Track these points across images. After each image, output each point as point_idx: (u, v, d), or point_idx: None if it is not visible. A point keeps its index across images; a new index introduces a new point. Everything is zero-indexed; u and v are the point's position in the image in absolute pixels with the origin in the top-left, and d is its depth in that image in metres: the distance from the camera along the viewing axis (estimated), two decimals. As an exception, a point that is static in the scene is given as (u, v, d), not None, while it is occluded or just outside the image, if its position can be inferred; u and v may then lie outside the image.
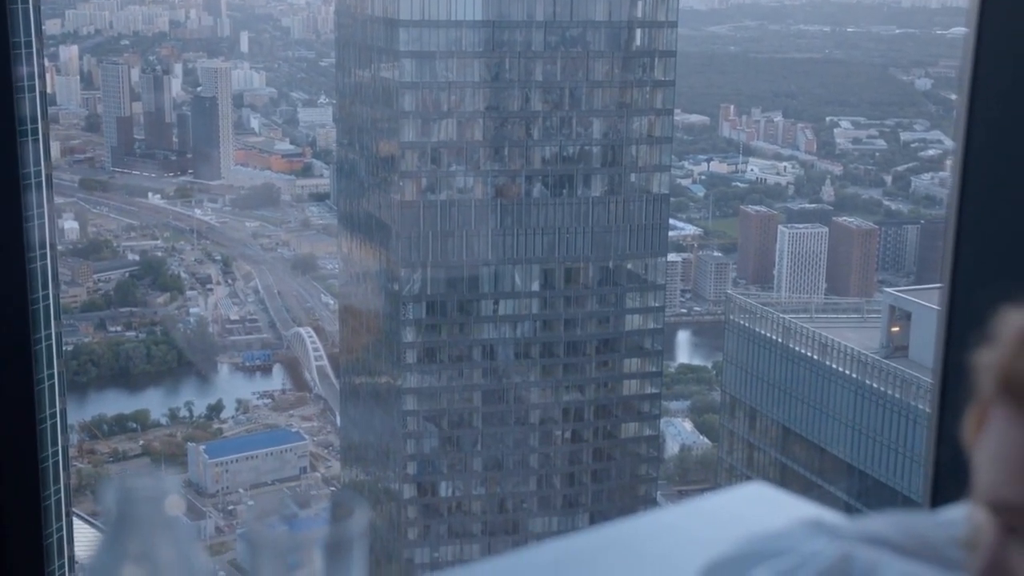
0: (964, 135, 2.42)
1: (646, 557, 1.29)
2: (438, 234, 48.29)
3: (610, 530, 1.37)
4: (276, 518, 0.96)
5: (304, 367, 61.53)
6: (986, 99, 2.34)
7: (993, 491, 0.99)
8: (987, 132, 2.33)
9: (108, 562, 0.86)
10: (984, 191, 2.25)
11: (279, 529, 0.96)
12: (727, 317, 48.48)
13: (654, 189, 49.80)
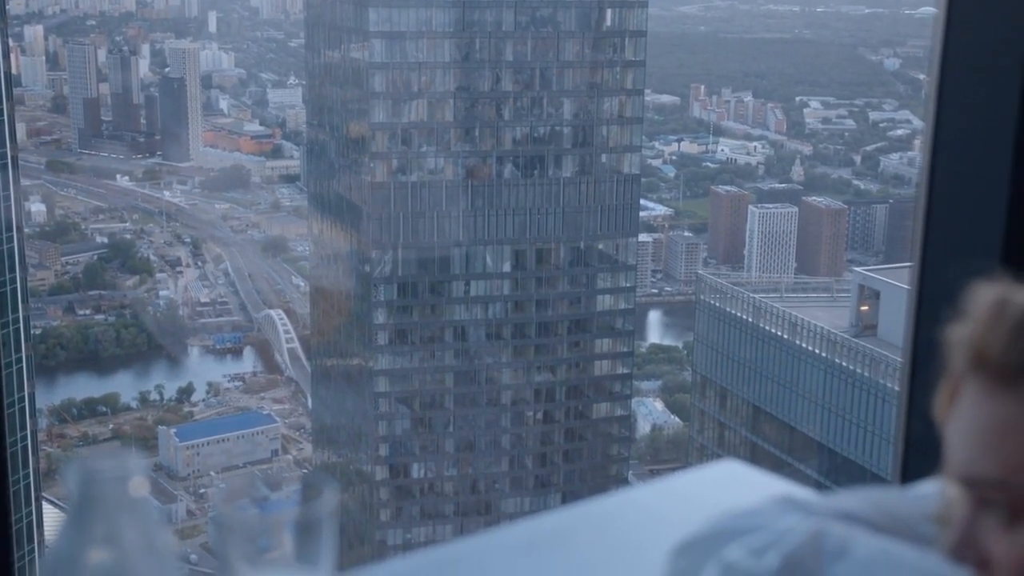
0: (934, 114, 2.43)
1: (618, 536, 1.28)
2: (409, 215, 48.19)
3: (581, 509, 1.37)
4: (247, 500, 0.95)
5: (275, 349, 61.33)
6: (955, 79, 2.35)
7: (965, 466, 0.99)
8: (957, 111, 2.34)
9: (71, 545, 0.84)
10: (954, 170, 2.25)
11: (249, 511, 0.94)
12: (698, 297, 48.69)
13: (625, 169, 49.85)
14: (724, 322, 45.36)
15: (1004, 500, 0.96)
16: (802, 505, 1.15)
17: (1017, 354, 0.96)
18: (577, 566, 1.24)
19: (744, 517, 1.13)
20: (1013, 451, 0.95)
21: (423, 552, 1.28)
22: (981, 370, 0.98)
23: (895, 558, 1.05)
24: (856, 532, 1.09)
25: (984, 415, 0.98)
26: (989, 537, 0.98)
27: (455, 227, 48.82)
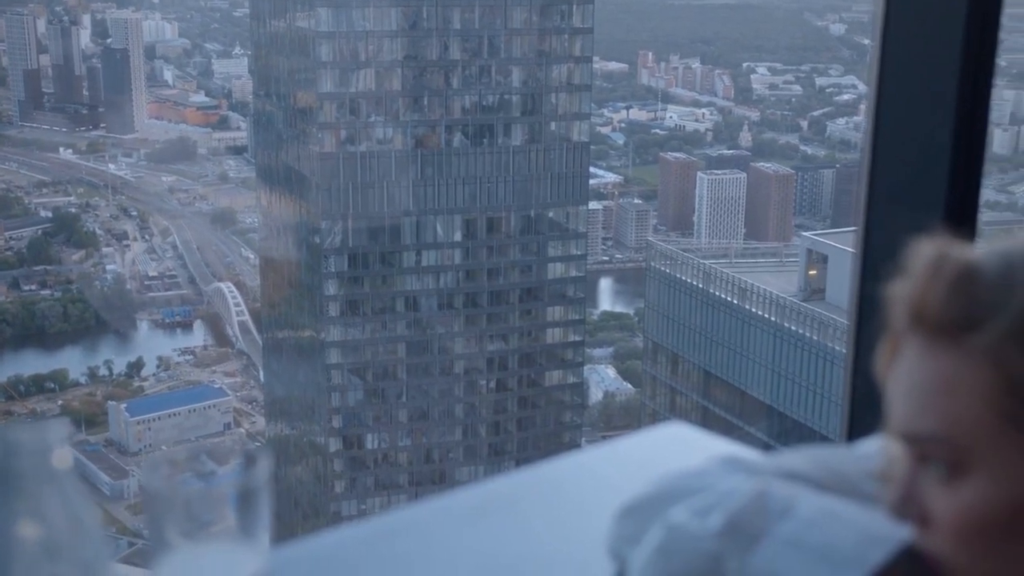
0: (877, 78, 2.44)
1: (563, 500, 1.28)
2: (358, 186, 47.89)
3: (527, 474, 1.36)
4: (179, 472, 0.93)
5: (225, 322, 60.88)
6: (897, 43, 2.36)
7: (905, 422, 1.00)
8: (899, 75, 2.35)
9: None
10: (896, 132, 2.27)
11: (181, 484, 0.92)
12: (648, 264, 48.93)
13: (574, 137, 49.83)
14: (674, 288, 45.65)
15: (943, 455, 0.97)
16: (746, 465, 1.15)
17: (955, 310, 0.96)
18: (522, 531, 1.23)
19: (688, 478, 1.13)
20: (951, 406, 0.96)
21: (368, 520, 1.27)
22: (920, 327, 0.99)
23: (838, 515, 1.06)
24: (800, 491, 1.09)
25: (923, 371, 0.98)
26: (929, 493, 0.99)
27: (405, 197, 48.61)
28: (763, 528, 1.04)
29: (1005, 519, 0.94)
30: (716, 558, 1.04)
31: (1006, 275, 0.95)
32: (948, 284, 0.96)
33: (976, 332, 0.94)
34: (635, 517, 1.13)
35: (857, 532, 1.02)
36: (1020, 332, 0.92)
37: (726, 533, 1.04)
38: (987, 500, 0.94)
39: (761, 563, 1.03)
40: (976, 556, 0.97)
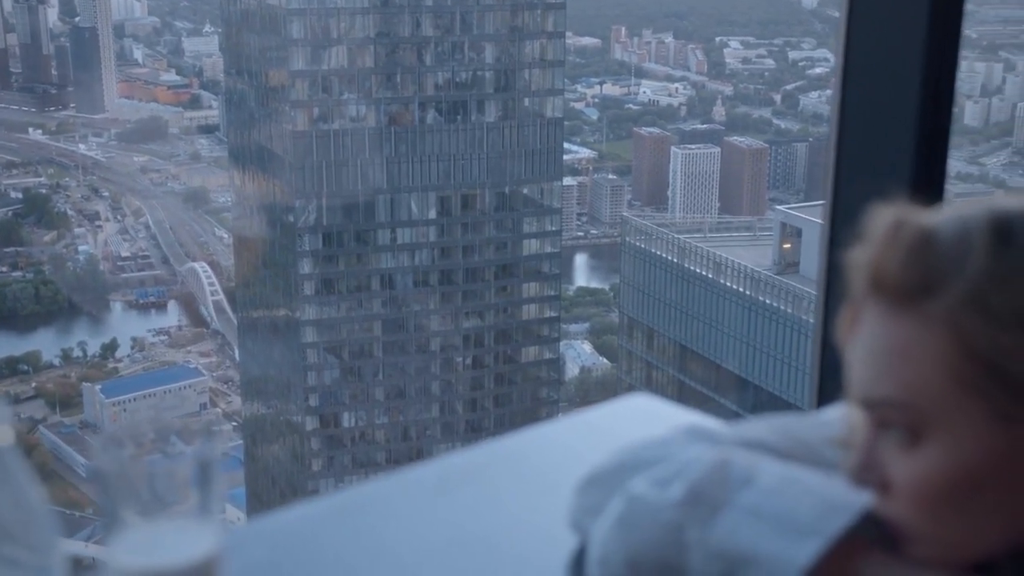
0: (843, 50, 2.45)
1: (526, 472, 1.27)
2: (332, 164, 47.68)
3: (492, 447, 1.36)
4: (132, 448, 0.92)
5: (200, 302, 60.59)
6: (864, 14, 2.36)
7: (864, 388, 1.00)
8: (865, 47, 2.36)
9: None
10: (863, 104, 2.28)
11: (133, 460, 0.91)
12: (623, 239, 48.99)
13: (548, 113, 49.72)
14: (649, 263, 45.74)
15: (902, 421, 0.97)
16: (708, 435, 1.15)
17: (913, 275, 0.96)
18: (485, 504, 1.23)
19: (649, 449, 1.13)
20: (909, 372, 0.96)
21: (331, 495, 1.26)
22: (879, 293, 0.99)
23: (799, 483, 1.05)
24: (761, 460, 1.09)
25: (881, 338, 0.98)
26: (889, 459, 0.99)
27: (379, 175, 48.44)
28: (724, 497, 1.04)
29: (963, 484, 0.94)
30: (677, 528, 1.04)
31: (963, 240, 0.95)
32: (906, 250, 0.96)
33: (933, 298, 0.94)
34: (596, 488, 1.12)
35: (818, 500, 1.02)
36: (976, 297, 0.92)
37: (687, 503, 1.04)
38: (945, 465, 0.94)
39: (722, 532, 1.03)
40: (934, 521, 0.97)
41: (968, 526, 0.98)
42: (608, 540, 1.06)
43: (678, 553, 1.04)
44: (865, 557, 1.01)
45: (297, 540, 1.18)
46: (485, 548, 1.16)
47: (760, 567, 1.00)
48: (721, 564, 1.02)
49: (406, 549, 1.16)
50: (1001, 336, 0.92)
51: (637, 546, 1.05)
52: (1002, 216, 0.96)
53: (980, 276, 0.93)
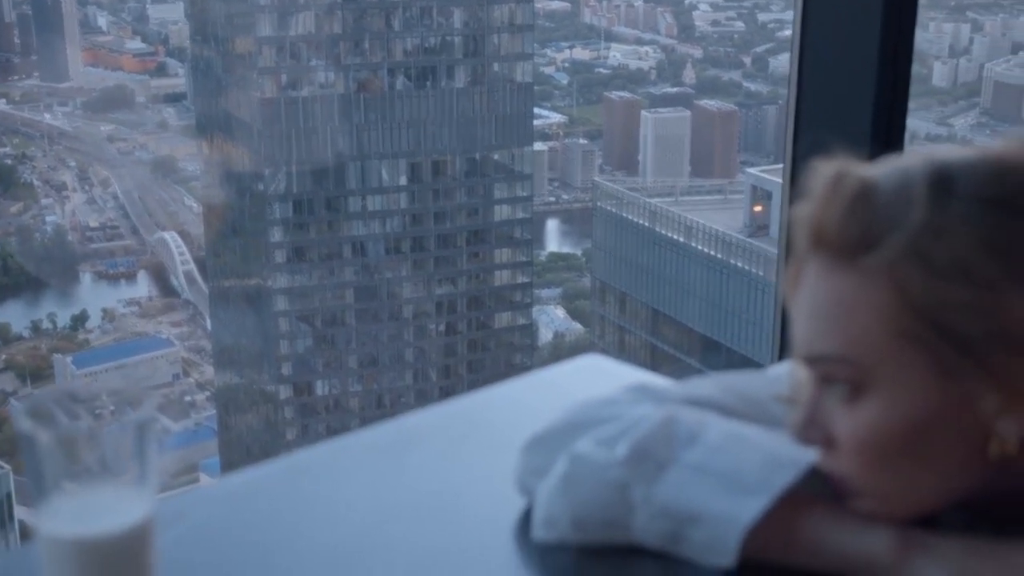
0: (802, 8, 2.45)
1: (475, 434, 1.27)
2: (301, 131, 47.36)
3: (442, 408, 1.35)
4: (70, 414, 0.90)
5: (171, 272, 60.19)
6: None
7: (806, 344, 1.00)
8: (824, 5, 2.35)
9: None
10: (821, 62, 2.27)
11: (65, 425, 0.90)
12: (595, 204, 49.00)
13: (517, 78, 49.51)
14: (621, 228, 45.80)
15: (845, 376, 0.97)
16: (655, 393, 1.14)
17: (853, 229, 0.96)
18: (435, 465, 1.22)
19: (595, 408, 1.12)
20: (850, 326, 0.96)
21: (278, 459, 1.25)
22: (820, 248, 0.98)
23: (745, 440, 1.06)
24: (708, 417, 1.09)
25: (823, 293, 0.98)
26: (832, 415, 0.99)
27: (349, 141, 48.16)
28: (669, 455, 1.04)
29: (904, 437, 0.95)
30: (622, 486, 1.04)
31: (903, 192, 0.95)
32: (845, 204, 0.96)
33: (874, 251, 0.94)
34: (541, 449, 1.12)
35: (763, 457, 1.03)
36: (916, 249, 0.92)
37: (632, 461, 1.04)
38: (886, 419, 0.95)
39: (666, 490, 1.03)
40: (877, 475, 0.97)
41: (911, 480, 0.98)
42: (553, 500, 1.06)
43: (623, 512, 1.04)
44: (810, 513, 1.01)
45: (246, 503, 1.18)
46: (434, 509, 1.16)
47: (705, 524, 1.01)
48: (666, 522, 1.03)
49: (355, 511, 1.15)
50: (941, 288, 0.92)
51: (582, 505, 1.05)
52: (942, 167, 0.96)
53: (920, 228, 0.93)
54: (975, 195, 0.94)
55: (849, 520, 1.00)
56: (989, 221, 0.92)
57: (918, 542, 0.97)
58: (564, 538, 1.05)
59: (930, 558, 0.95)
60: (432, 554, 1.08)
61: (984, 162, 0.96)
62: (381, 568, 1.06)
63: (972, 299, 0.91)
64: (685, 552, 1.02)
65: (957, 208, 0.93)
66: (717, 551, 1.00)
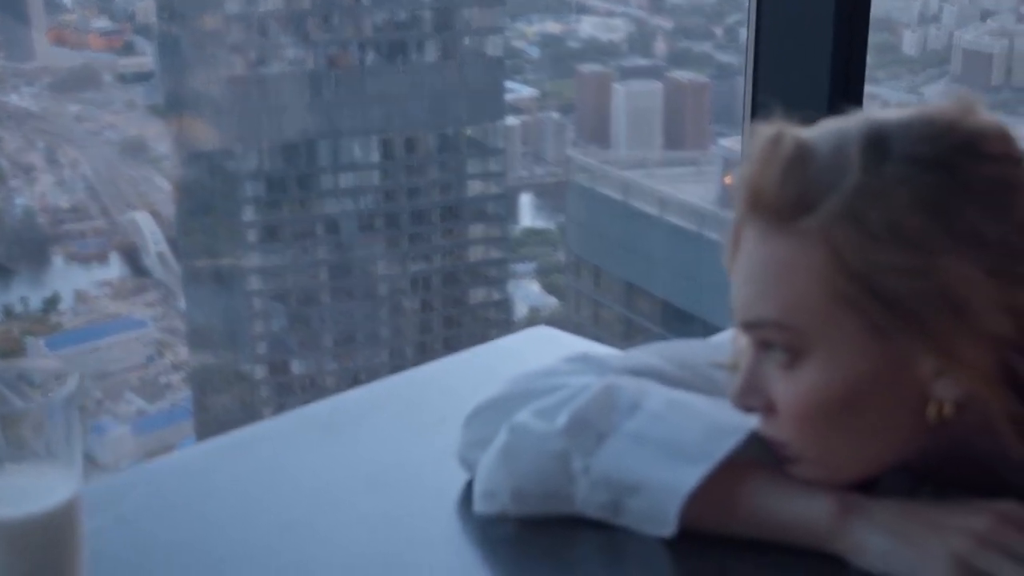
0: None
1: (420, 407, 1.25)
2: (272, 108, 47.02)
3: (388, 382, 1.34)
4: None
5: (143, 253, 59.92)
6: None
7: (744, 310, 0.99)
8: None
9: None
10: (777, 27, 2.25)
11: None
12: (568, 178, 48.96)
13: (488, 52, 49.31)
14: (594, 201, 45.77)
15: (783, 341, 0.96)
16: (597, 362, 1.13)
17: (789, 192, 0.95)
18: (377, 440, 1.21)
19: (536, 379, 1.11)
20: (787, 291, 0.95)
21: (217, 437, 1.23)
22: (757, 212, 0.97)
23: (686, 408, 1.05)
24: (649, 385, 1.08)
25: (760, 257, 0.97)
26: (771, 380, 0.98)
27: (320, 118, 47.88)
28: (609, 425, 1.03)
29: (841, 401, 0.94)
30: (561, 457, 1.03)
31: (839, 154, 0.94)
32: (782, 167, 0.95)
33: (809, 214, 0.92)
34: (482, 421, 1.11)
35: (704, 424, 1.02)
36: (852, 211, 0.91)
37: (571, 431, 1.03)
38: (823, 383, 0.94)
39: (607, 460, 1.02)
40: (816, 440, 0.97)
41: (850, 444, 0.98)
42: (493, 472, 1.05)
43: (564, 483, 1.03)
44: (751, 480, 1.01)
45: (183, 480, 1.16)
46: (378, 484, 1.14)
47: (645, 494, 1.00)
48: (606, 492, 1.02)
49: (298, 486, 1.14)
50: (876, 250, 0.91)
51: (522, 477, 1.04)
52: (877, 128, 0.95)
53: (854, 190, 0.92)
54: (909, 156, 0.93)
55: (790, 486, 1.00)
56: (923, 182, 0.91)
57: (856, 506, 0.96)
58: (505, 511, 1.04)
59: (867, 521, 0.95)
60: (374, 528, 1.06)
61: (919, 122, 0.95)
62: (324, 541, 1.04)
63: (907, 261, 0.90)
64: (626, 522, 1.01)
65: (892, 169, 0.92)
66: (657, 520, 0.99)
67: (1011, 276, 0.90)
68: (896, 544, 0.92)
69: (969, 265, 0.90)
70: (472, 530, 1.05)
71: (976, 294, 0.90)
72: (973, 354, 0.90)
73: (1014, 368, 0.91)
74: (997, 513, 0.91)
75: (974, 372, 0.91)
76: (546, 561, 1.01)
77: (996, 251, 0.90)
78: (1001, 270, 0.90)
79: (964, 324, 0.90)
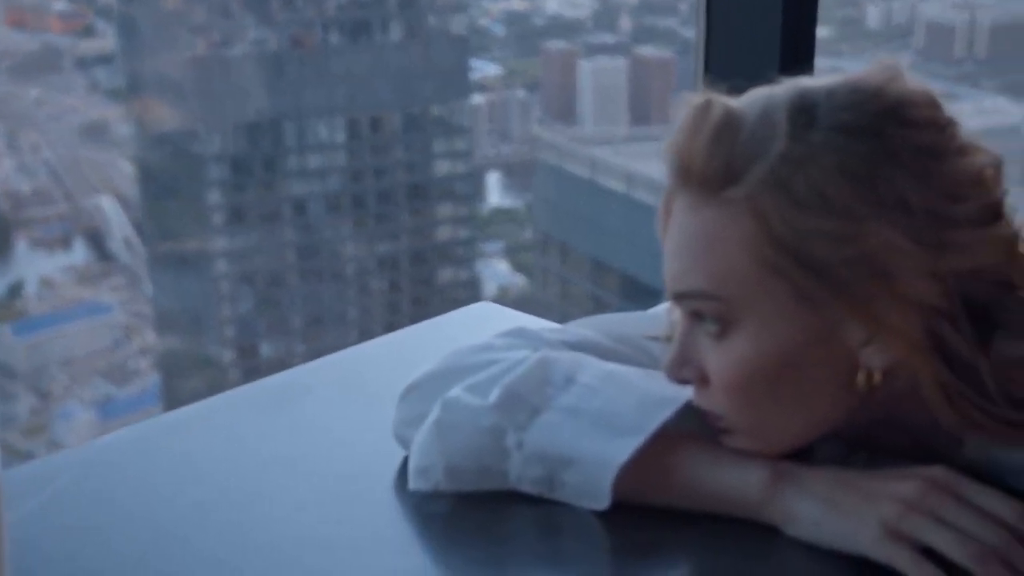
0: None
1: (359, 386, 1.25)
2: (236, 90, 46.69)
3: (326, 360, 1.33)
4: None
5: (108, 237, 59.48)
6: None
7: (676, 281, 0.99)
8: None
9: None
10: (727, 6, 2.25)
11: None
12: (535, 156, 48.90)
13: (453, 30, 49.11)
14: (561, 179, 45.78)
15: (713, 312, 0.96)
16: (533, 336, 1.13)
17: (717, 162, 0.94)
18: (314, 418, 1.20)
19: (471, 354, 1.11)
20: (716, 261, 0.95)
21: (155, 416, 1.22)
22: (686, 182, 0.97)
23: (620, 381, 1.04)
24: (584, 359, 1.07)
25: (689, 228, 0.97)
26: (703, 351, 0.98)
27: (285, 99, 47.58)
28: (544, 399, 1.03)
29: (772, 371, 0.94)
30: (495, 432, 1.02)
31: (765, 122, 0.93)
32: (710, 136, 0.94)
33: (737, 183, 0.92)
34: (416, 398, 1.10)
35: (638, 397, 1.01)
36: (778, 179, 0.91)
37: (504, 406, 1.02)
38: (753, 353, 0.94)
39: (540, 434, 1.01)
40: (748, 410, 0.97)
41: (782, 414, 0.98)
42: (426, 449, 1.05)
43: (498, 458, 1.02)
44: (685, 451, 1.01)
45: (112, 464, 1.15)
46: (313, 463, 1.14)
47: (579, 468, 0.99)
48: (540, 467, 1.01)
49: (232, 467, 1.13)
50: (802, 218, 0.91)
51: (455, 453, 1.03)
52: (803, 95, 0.95)
53: (780, 158, 0.92)
54: (835, 123, 0.92)
55: (723, 457, 1.00)
56: (848, 149, 0.91)
57: (788, 475, 0.96)
58: (439, 487, 1.03)
59: (799, 490, 0.95)
60: (307, 507, 1.06)
61: (845, 89, 0.95)
62: (257, 523, 1.03)
63: (833, 228, 0.90)
64: (561, 496, 1.01)
65: (817, 136, 0.92)
66: (591, 494, 0.99)
67: (937, 243, 0.90)
68: (826, 512, 0.93)
69: (895, 232, 0.90)
70: (406, 507, 1.04)
71: (902, 261, 0.90)
72: (900, 321, 0.90)
73: (941, 335, 0.91)
74: (925, 479, 0.91)
75: (901, 339, 0.91)
76: (480, 536, 1.00)
77: (922, 218, 0.90)
78: (927, 237, 0.90)
79: (890, 291, 0.90)
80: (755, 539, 0.97)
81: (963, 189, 0.93)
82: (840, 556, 0.93)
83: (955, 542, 0.87)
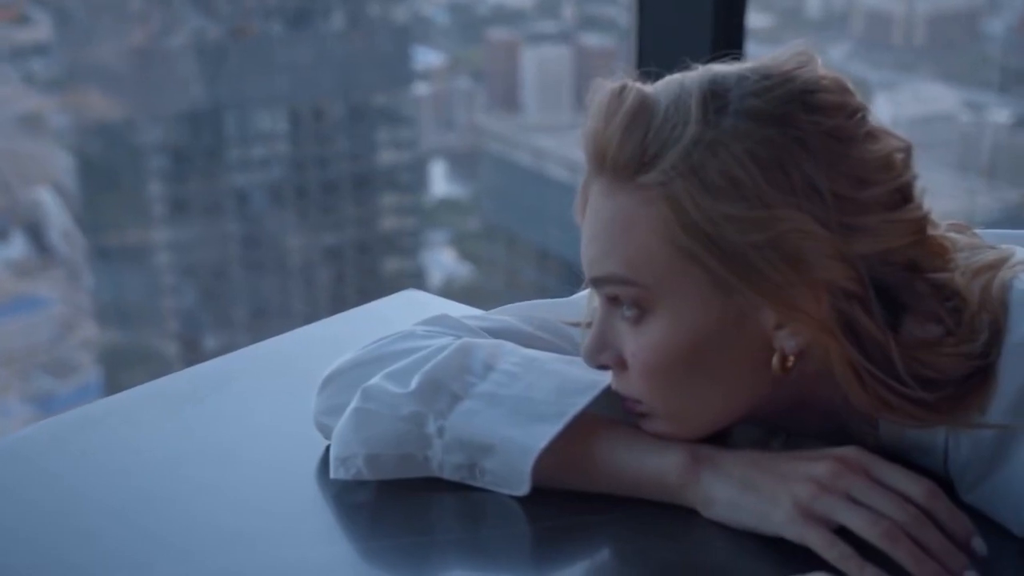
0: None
1: (283, 375, 1.24)
2: (175, 80, 46.13)
3: (249, 350, 1.33)
4: None
5: (46, 230, 58.65)
6: None
7: (593, 266, 0.99)
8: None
9: None
10: None
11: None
12: (480, 145, 48.87)
13: (396, 19, 48.90)
14: (506, 168, 45.79)
15: (628, 297, 0.97)
16: (453, 324, 1.13)
17: (630, 147, 0.95)
18: (236, 408, 1.19)
19: (391, 342, 1.10)
20: (630, 246, 0.95)
21: (67, 411, 1.20)
22: (601, 169, 0.97)
23: (540, 367, 1.05)
24: (505, 346, 1.08)
25: (605, 213, 0.97)
26: (621, 337, 0.98)
27: (225, 89, 47.09)
28: (464, 386, 1.03)
29: (687, 355, 0.95)
30: (415, 419, 1.02)
31: (679, 108, 0.94)
32: (624, 122, 0.94)
33: (651, 168, 0.92)
34: (336, 387, 1.10)
35: (557, 383, 1.02)
36: (689, 165, 0.92)
37: (425, 393, 1.02)
38: (669, 337, 0.94)
39: (460, 421, 1.01)
40: (665, 395, 0.97)
41: (698, 398, 0.98)
42: (347, 437, 1.04)
43: (419, 446, 1.02)
44: (604, 437, 1.01)
45: (24, 459, 1.13)
46: (234, 454, 1.13)
47: (498, 454, 1.00)
48: (462, 454, 1.01)
49: (151, 460, 1.12)
50: (714, 204, 0.91)
51: (376, 441, 1.03)
52: (715, 81, 0.95)
53: (692, 144, 0.92)
54: (746, 108, 0.93)
55: (641, 441, 1.00)
56: (759, 134, 0.92)
57: (706, 458, 0.97)
58: (361, 476, 1.03)
59: (716, 472, 0.96)
60: (228, 498, 1.05)
61: (756, 74, 0.96)
62: (176, 516, 1.02)
63: (743, 214, 0.91)
64: (482, 483, 1.01)
65: (727, 122, 0.93)
66: (511, 480, 0.99)
67: (846, 227, 0.91)
68: (742, 493, 0.94)
69: (805, 217, 0.91)
70: (328, 497, 1.04)
71: (812, 245, 0.91)
72: (810, 304, 0.91)
73: (852, 318, 0.92)
74: (837, 459, 0.92)
75: (812, 322, 0.92)
76: (403, 525, 1.00)
77: (831, 202, 0.91)
78: (836, 221, 0.91)
79: (800, 275, 0.91)
80: (674, 522, 0.98)
81: (872, 174, 0.94)
82: (757, 537, 0.94)
83: (867, 521, 0.88)
